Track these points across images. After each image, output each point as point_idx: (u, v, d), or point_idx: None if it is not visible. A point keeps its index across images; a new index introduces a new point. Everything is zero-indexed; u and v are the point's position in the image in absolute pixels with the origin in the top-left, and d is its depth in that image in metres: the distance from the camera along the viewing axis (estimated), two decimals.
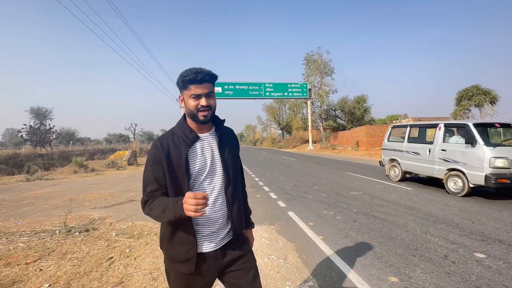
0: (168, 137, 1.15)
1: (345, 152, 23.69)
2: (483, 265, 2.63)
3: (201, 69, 1.10)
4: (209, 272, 1.16)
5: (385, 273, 2.54)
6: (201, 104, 1.10)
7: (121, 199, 6.59)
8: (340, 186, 7.15)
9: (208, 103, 1.11)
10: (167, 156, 1.10)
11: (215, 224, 1.16)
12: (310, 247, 3.27)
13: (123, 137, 54.17)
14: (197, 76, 1.08)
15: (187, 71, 1.10)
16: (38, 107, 36.43)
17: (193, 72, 1.08)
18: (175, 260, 1.13)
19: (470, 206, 4.80)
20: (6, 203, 6.78)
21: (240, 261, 1.21)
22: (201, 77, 1.08)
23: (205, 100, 1.10)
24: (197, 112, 1.11)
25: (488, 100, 26.61)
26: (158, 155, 1.11)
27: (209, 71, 1.11)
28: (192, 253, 1.10)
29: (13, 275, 2.65)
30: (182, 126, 1.17)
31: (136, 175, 12.53)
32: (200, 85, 1.09)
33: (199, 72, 1.09)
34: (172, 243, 1.13)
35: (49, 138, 27.69)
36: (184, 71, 1.11)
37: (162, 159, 1.10)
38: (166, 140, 1.14)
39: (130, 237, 3.70)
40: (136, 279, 2.54)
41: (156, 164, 1.11)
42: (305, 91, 30.31)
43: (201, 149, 1.16)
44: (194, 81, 1.09)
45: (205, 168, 1.14)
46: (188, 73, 1.09)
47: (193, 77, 1.08)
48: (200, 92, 1.10)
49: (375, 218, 4.27)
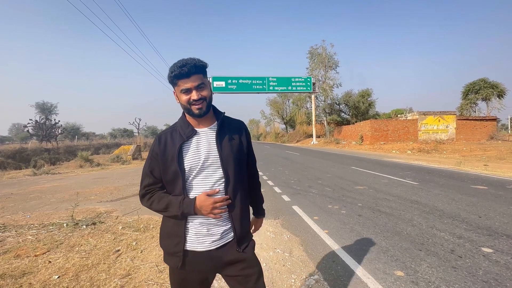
0: (168, 132, 1.16)
1: (349, 146, 23.57)
2: (491, 260, 2.60)
3: (186, 61, 1.04)
4: (202, 271, 1.13)
5: (391, 267, 2.53)
6: (193, 98, 1.06)
7: (127, 193, 6.66)
8: (345, 181, 7.12)
9: (199, 96, 1.06)
10: (163, 151, 1.11)
11: (209, 224, 1.10)
12: (315, 241, 3.27)
13: (127, 131, 54.54)
14: (182, 70, 1.03)
15: (173, 66, 1.05)
16: (43, 102, 36.79)
17: (178, 66, 1.03)
18: (166, 252, 1.15)
19: (477, 200, 4.75)
20: (15, 197, 6.89)
21: (240, 266, 1.12)
22: (187, 71, 1.03)
23: (196, 93, 1.06)
24: (191, 106, 1.08)
25: (495, 93, 26.15)
26: (156, 149, 1.13)
27: (196, 62, 1.05)
28: (179, 248, 1.08)
29: (23, 267, 2.70)
30: (181, 121, 1.17)
31: (141, 169, 12.59)
32: (188, 78, 1.05)
33: (184, 65, 1.03)
34: (165, 235, 1.15)
35: (54, 133, 27.99)
36: (172, 66, 1.06)
37: (158, 153, 1.11)
38: (165, 135, 1.15)
39: (136, 230, 3.74)
40: (143, 272, 2.57)
41: (153, 158, 1.13)
42: (309, 85, 30.07)
43: (197, 144, 1.11)
44: (180, 76, 1.04)
45: (198, 164, 1.08)
46: (175, 68, 1.04)
47: (178, 72, 1.03)
48: (189, 86, 1.05)
49: (380, 212, 4.26)
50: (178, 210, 1.05)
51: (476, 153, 14.12)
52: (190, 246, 1.10)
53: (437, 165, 9.93)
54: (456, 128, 22.66)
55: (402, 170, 8.85)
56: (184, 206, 1.05)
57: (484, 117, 24.17)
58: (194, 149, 1.10)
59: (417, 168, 9.37)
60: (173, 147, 1.10)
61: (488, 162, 10.43)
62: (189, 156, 1.09)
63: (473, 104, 28.02)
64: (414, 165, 10.09)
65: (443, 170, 8.74)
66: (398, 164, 10.46)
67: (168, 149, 1.11)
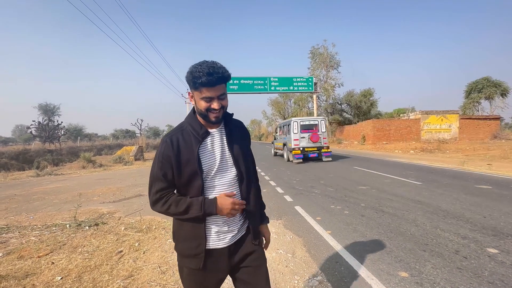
0: (177, 133, 1.11)
1: (351, 146, 23.50)
2: (496, 261, 2.57)
3: (213, 69, 1.00)
4: (221, 269, 1.15)
5: (395, 268, 2.51)
6: (213, 107, 1.04)
7: (129, 194, 6.67)
8: (347, 181, 7.09)
9: (220, 105, 1.05)
10: (177, 153, 1.07)
11: (228, 220, 1.14)
12: (318, 242, 3.25)
13: (129, 132, 54.72)
14: (209, 79, 0.99)
15: (199, 71, 0.99)
16: (46, 104, 36.98)
17: (206, 73, 0.98)
18: (184, 255, 1.13)
19: (481, 200, 4.71)
20: (18, 198, 6.93)
21: (250, 258, 1.19)
22: (215, 81, 1.00)
23: (217, 102, 1.04)
24: (208, 113, 1.06)
25: (499, 92, 25.97)
26: (167, 151, 1.07)
27: (223, 72, 1.02)
28: (200, 249, 1.09)
29: (26, 267, 2.70)
30: (192, 121, 1.13)
31: (143, 170, 12.66)
32: (213, 88, 1.02)
33: (212, 74, 0.99)
34: (182, 238, 1.13)
35: (57, 134, 28.15)
36: (195, 68, 1.01)
37: (171, 156, 1.07)
38: (176, 136, 1.10)
39: (138, 231, 3.74)
40: (145, 273, 2.56)
41: (165, 161, 1.08)
42: (310, 85, 29.96)
43: (211, 145, 1.13)
44: (207, 84, 1.00)
45: (215, 164, 1.11)
46: (200, 75, 0.99)
47: (206, 80, 0.99)
48: (213, 95, 1.03)
49: (384, 212, 4.23)
50: (200, 211, 1.05)
51: (480, 152, 14.02)
52: (212, 244, 1.12)
53: (440, 165, 9.87)
54: (459, 127, 22.51)
55: (405, 169, 8.80)
56: (206, 206, 1.05)
57: (487, 116, 24.00)
58: (210, 150, 1.12)
59: (420, 167, 9.31)
60: (188, 148, 1.08)
61: (492, 162, 10.34)
62: (206, 157, 1.10)
63: (476, 103, 27.84)
64: (417, 165, 10.03)
65: (446, 169, 8.68)
66: (401, 164, 10.41)
67: (183, 151, 1.08)
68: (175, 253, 2.96)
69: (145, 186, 7.76)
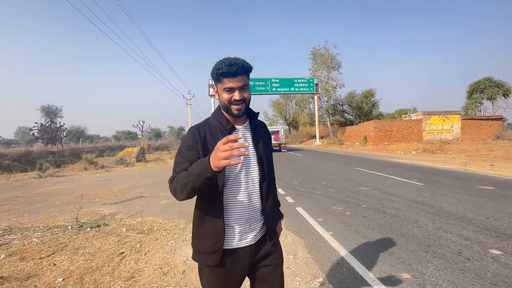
0: (204, 126, 1.13)
1: (352, 147, 23.45)
2: (499, 262, 2.56)
3: (234, 61, 1.05)
4: (241, 268, 1.15)
5: (397, 270, 2.50)
6: (234, 98, 1.07)
7: (131, 195, 6.68)
8: (349, 182, 7.07)
9: (241, 97, 1.08)
10: (204, 144, 1.07)
11: (250, 219, 1.14)
12: (320, 243, 3.24)
13: (131, 134, 54.90)
14: (230, 69, 1.04)
15: (221, 63, 1.06)
16: (48, 106, 37.21)
17: (227, 64, 1.04)
18: (201, 251, 1.11)
19: (484, 201, 4.68)
20: (20, 200, 6.95)
21: (271, 257, 1.20)
22: (235, 70, 1.04)
23: (239, 93, 1.07)
24: (230, 105, 1.08)
25: (501, 92, 25.87)
26: (193, 141, 1.08)
27: (243, 63, 1.07)
28: (218, 246, 1.08)
29: (28, 269, 2.71)
30: (218, 116, 1.14)
31: (145, 171, 12.69)
32: (234, 78, 1.06)
33: (233, 64, 1.04)
34: (202, 235, 1.12)
35: (59, 135, 28.25)
36: (218, 62, 1.07)
37: (197, 146, 1.07)
38: (203, 128, 1.11)
39: (140, 232, 3.75)
40: (147, 274, 2.56)
41: (191, 149, 1.07)
42: (311, 86, 30.02)
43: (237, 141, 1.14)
44: (227, 74, 1.05)
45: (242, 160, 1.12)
46: (222, 66, 1.05)
47: (226, 71, 1.04)
48: (234, 85, 1.06)
49: (385, 213, 4.21)
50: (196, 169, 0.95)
51: (482, 153, 13.95)
52: (234, 244, 1.11)
53: (442, 166, 9.83)
54: (461, 128, 22.43)
55: (407, 170, 8.77)
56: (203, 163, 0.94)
57: (489, 116, 23.91)
58: None
59: (422, 168, 9.28)
60: (213, 141, 1.08)
61: (494, 162, 10.29)
62: None
63: (478, 104, 27.74)
64: (419, 166, 9.99)
65: (448, 170, 8.64)
66: (402, 165, 10.37)
67: (209, 142, 1.08)
68: (176, 255, 2.97)
69: (147, 187, 7.77)
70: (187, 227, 3.92)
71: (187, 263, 2.78)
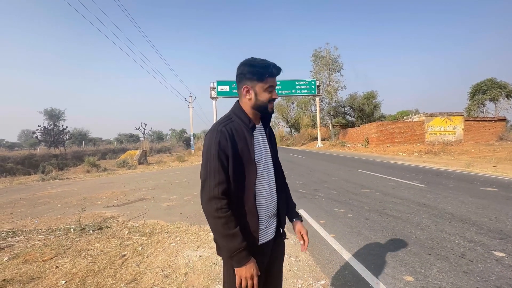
0: (229, 123, 1.11)
1: (354, 149, 23.39)
2: (503, 264, 2.53)
3: (273, 63, 1.14)
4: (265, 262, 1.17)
5: (400, 272, 2.48)
6: (273, 96, 1.14)
7: (133, 198, 6.70)
8: (351, 184, 7.05)
9: (277, 96, 1.17)
10: (233, 142, 1.06)
11: (272, 214, 1.20)
12: (322, 246, 3.23)
13: (133, 136, 55.11)
14: (276, 70, 1.13)
15: (264, 63, 1.11)
16: (51, 109, 37.47)
17: (272, 65, 1.12)
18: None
19: (487, 203, 4.64)
20: (23, 202, 6.99)
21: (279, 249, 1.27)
22: (277, 72, 1.14)
23: (275, 93, 1.16)
24: (268, 104, 1.15)
25: (504, 93, 25.74)
26: (223, 140, 1.04)
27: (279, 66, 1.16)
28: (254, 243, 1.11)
29: (31, 272, 2.72)
30: (240, 114, 1.16)
31: (147, 174, 12.72)
32: (274, 78, 1.15)
33: (275, 66, 1.13)
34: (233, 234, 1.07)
35: (62, 138, 28.43)
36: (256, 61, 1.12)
37: (228, 145, 1.05)
38: (229, 126, 1.09)
39: (142, 235, 3.75)
40: (149, 277, 2.56)
41: (221, 150, 1.04)
42: (313, 88, 30.03)
43: (257, 138, 1.17)
44: (273, 74, 1.13)
45: (262, 156, 1.17)
46: (267, 66, 1.11)
47: (272, 71, 1.12)
48: (275, 85, 1.16)
49: (388, 216, 4.19)
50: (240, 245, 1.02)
51: (485, 154, 13.87)
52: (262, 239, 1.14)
53: (445, 167, 9.78)
54: (464, 129, 22.32)
55: (410, 172, 8.73)
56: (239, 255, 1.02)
57: (492, 117, 23.78)
58: (260, 142, 1.18)
59: (424, 170, 9.23)
60: (241, 138, 1.10)
61: (497, 164, 10.22)
62: (257, 148, 1.15)
63: (480, 105, 27.62)
64: (422, 167, 9.94)
65: (451, 172, 8.59)
66: (405, 167, 10.33)
67: (238, 139, 1.09)
68: (178, 257, 2.97)
69: (149, 190, 7.79)
70: (189, 230, 3.92)
71: (189, 266, 2.78)
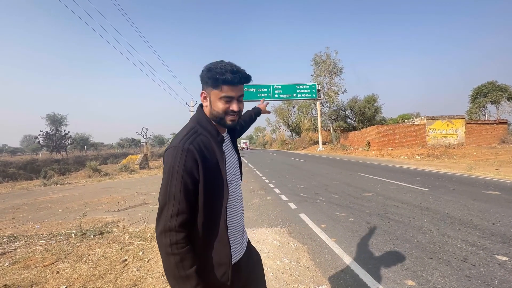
0: (196, 138, 0.94)
1: (356, 152, 23.34)
2: (506, 268, 2.51)
3: (238, 69, 0.95)
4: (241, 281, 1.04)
5: (401, 277, 2.46)
6: (232, 109, 0.96)
7: (134, 203, 6.70)
8: (352, 187, 7.03)
9: (239, 108, 0.97)
10: (203, 162, 0.90)
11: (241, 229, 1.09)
12: (323, 250, 3.21)
13: (135, 141, 55.21)
14: (234, 76, 0.92)
15: (221, 68, 0.92)
16: (54, 114, 37.73)
17: (230, 71, 0.92)
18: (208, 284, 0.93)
19: (489, 206, 4.61)
20: (25, 207, 7.00)
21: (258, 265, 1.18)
22: (239, 79, 0.94)
23: (237, 104, 0.97)
24: (225, 116, 0.97)
25: (505, 96, 25.70)
26: (191, 161, 0.88)
27: (245, 72, 0.96)
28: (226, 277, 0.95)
29: (31, 277, 2.72)
30: (207, 124, 0.99)
31: (148, 178, 12.72)
32: (235, 87, 0.95)
33: (237, 72, 0.93)
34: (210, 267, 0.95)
35: (64, 143, 28.54)
36: (215, 65, 0.94)
37: (197, 167, 0.89)
38: (196, 141, 0.92)
39: (143, 240, 3.75)
40: (149, 282, 2.56)
41: (188, 173, 0.87)
42: (314, 92, 30.11)
43: (228, 152, 1.05)
44: (230, 82, 0.93)
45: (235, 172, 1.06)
46: (224, 72, 0.92)
47: (230, 78, 0.92)
48: (234, 95, 0.95)
49: (389, 219, 4.17)
50: None
51: (488, 157, 13.79)
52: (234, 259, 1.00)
53: (447, 170, 9.73)
54: (466, 132, 22.25)
55: (411, 176, 8.70)
56: None
57: (494, 120, 23.71)
58: (230, 157, 1.05)
59: (426, 173, 9.19)
60: (210, 155, 0.94)
61: (500, 167, 10.17)
62: (230, 165, 1.03)
63: (482, 108, 27.57)
64: (424, 171, 9.90)
65: (453, 175, 8.55)
66: (406, 170, 10.29)
67: (208, 157, 0.93)
68: None
69: (150, 194, 7.79)
70: None
71: None
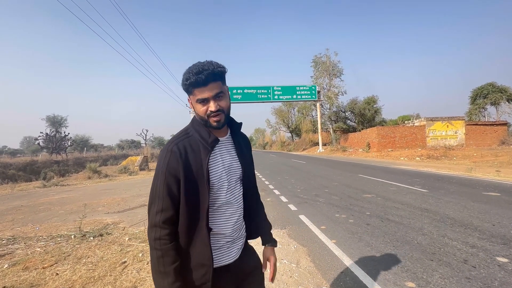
0: (184, 140, 0.96)
1: (356, 154, 23.35)
2: (506, 270, 2.51)
3: (202, 67, 0.91)
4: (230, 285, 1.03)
5: (401, 278, 2.46)
6: (210, 110, 0.93)
7: (134, 204, 6.69)
8: (352, 189, 7.02)
9: (218, 107, 0.94)
10: (185, 164, 0.91)
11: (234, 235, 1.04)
12: (323, 251, 3.21)
13: (134, 142, 55.24)
14: (198, 78, 0.90)
15: (188, 72, 0.92)
16: (53, 116, 37.74)
17: (194, 73, 0.90)
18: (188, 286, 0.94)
19: (489, 208, 4.61)
20: (25, 209, 7.00)
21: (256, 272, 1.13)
22: (204, 79, 0.90)
23: (214, 103, 0.93)
24: (208, 118, 0.95)
25: (505, 98, 25.73)
26: (174, 162, 0.91)
27: (213, 67, 0.92)
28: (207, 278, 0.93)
29: (31, 279, 2.71)
30: (199, 127, 0.99)
31: (148, 180, 12.71)
32: (205, 87, 0.91)
33: (200, 71, 0.90)
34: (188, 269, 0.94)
35: (64, 145, 28.56)
36: (186, 71, 0.94)
37: (179, 168, 0.91)
38: (182, 143, 0.94)
39: (142, 241, 3.74)
40: (149, 284, 2.55)
41: (170, 173, 0.91)
42: (314, 93, 30.13)
43: (221, 155, 1.01)
44: (197, 84, 0.91)
45: (225, 177, 1.00)
46: (189, 75, 0.91)
47: (194, 80, 0.90)
48: (206, 95, 0.92)
49: (389, 221, 4.16)
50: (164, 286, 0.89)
51: (488, 158, 13.80)
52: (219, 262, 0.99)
53: (447, 172, 9.73)
54: (466, 133, 22.26)
55: (411, 177, 8.69)
56: None
57: (494, 122, 23.73)
58: (220, 161, 1.00)
59: (426, 175, 9.19)
60: (195, 158, 0.94)
61: (500, 168, 10.17)
62: (218, 169, 0.99)
63: (482, 109, 27.60)
64: (424, 172, 9.90)
65: (453, 176, 8.55)
66: (406, 171, 10.29)
67: (191, 160, 0.93)
68: None
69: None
70: None
71: None
